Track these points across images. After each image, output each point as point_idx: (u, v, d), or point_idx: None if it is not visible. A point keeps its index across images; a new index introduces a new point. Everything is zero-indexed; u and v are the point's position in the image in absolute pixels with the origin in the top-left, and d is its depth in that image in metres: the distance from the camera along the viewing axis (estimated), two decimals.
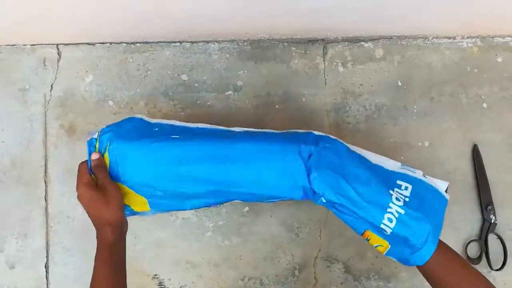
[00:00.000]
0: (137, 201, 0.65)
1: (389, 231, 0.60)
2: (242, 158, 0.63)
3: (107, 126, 0.66)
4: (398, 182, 0.63)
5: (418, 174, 0.64)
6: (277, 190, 0.63)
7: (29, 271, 0.80)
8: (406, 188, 0.62)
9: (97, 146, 0.65)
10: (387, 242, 0.61)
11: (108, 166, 0.64)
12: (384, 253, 0.63)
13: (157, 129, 0.66)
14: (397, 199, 0.61)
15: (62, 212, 0.81)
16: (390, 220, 0.60)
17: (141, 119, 0.67)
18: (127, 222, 0.64)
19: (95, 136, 0.65)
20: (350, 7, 0.68)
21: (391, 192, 0.61)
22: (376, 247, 0.63)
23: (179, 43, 0.83)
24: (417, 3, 0.68)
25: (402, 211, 0.60)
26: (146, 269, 0.81)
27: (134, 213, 0.67)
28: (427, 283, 0.79)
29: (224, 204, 0.72)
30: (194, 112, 0.82)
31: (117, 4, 0.66)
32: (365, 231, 0.62)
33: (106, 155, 0.64)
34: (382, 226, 0.60)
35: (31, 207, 0.81)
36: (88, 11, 0.68)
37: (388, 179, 0.63)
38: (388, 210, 0.60)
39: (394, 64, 0.82)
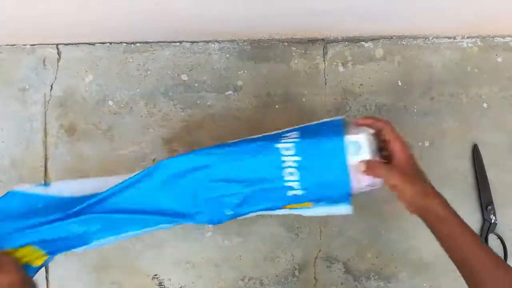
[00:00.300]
0: (34, 255, 0.66)
1: (297, 187, 0.60)
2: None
3: None
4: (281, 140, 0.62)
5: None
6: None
7: None
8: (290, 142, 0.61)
9: None
10: (309, 202, 0.61)
11: None
12: (313, 206, 0.62)
13: (40, 205, 0.66)
14: (286, 149, 0.61)
15: None
16: (291, 174, 0.60)
17: (22, 193, 0.66)
18: (30, 279, 0.63)
19: None
20: (350, 7, 0.68)
21: (276, 145, 0.61)
22: (304, 209, 0.63)
23: (179, 43, 0.83)
24: (418, 2, 0.68)
25: (298, 158, 0.60)
26: (146, 269, 0.81)
27: (37, 268, 0.68)
28: (427, 284, 0.79)
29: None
30: (194, 112, 0.82)
31: (117, 4, 0.66)
32: (282, 207, 0.63)
33: None
34: (287, 184, 0.60)
35: None
36: (88, 11, 0.68)
37: (273, 137, 0.63)
38: (283, 160, 0.60)
39: (394, 64, 0.82)
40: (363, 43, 0.82)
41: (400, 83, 0.82)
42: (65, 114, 0.82)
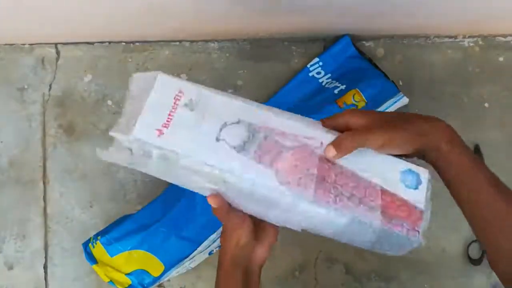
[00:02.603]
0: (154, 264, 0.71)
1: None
2: None
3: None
4: None
5: None
6: None
7: (28, 272, 0.79)
8: None
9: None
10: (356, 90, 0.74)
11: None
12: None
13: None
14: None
15: (61, 213, 0.80)
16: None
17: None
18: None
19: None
20: (350, 6, 0.68)
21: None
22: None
23: (178, 42, 0.82)
24: (419, 2, 0.68)
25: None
26: None
27: (154, 280, 0.72)
28: (428, 284, 0.79)
29: None
30: None
31: (117, 3, 0.65)
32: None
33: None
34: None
35: (29, 207, 0.80)
36: (87, 11, 0.68)
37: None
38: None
39: (395, 63, 0.82)
40: (364, 42, 0.82)
41: (401, 83, 0.81)
42: (64, 114, 0.82)
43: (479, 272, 0.78)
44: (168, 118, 0.44)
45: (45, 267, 0.80)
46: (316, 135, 0.46)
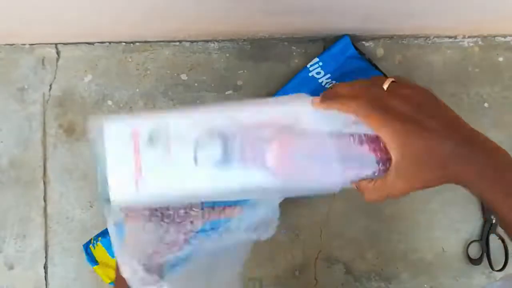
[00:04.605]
0: None
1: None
2: None
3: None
4: None
5: None
6: None
7: (28, 272, 0.80)
8: None
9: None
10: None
11: None
12: None
13: None
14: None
15: (61, 213, 0.80)
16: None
17: None
18: None
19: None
20: (350, 6, 0.68)
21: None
22: None
23: (178, 43, 0.82)
24: (418, 2, 0.68)
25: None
26: None
27: None
28: (428, 284, 0.79)
29: None
30: None
31: (116, 3, 0.65)
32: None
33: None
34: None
35: (29, 207, 0.80)
36: (87, 11, 0.68)
37: None
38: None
39: (395, 64, 0.82)
40: (363, 42, 0.82)
41: None
42: (64, 114, 0.82)
43: (479, 272, 0.78)
44: (136, 165, 0.40)
45: (45, 267, 0.80)
46: (291, 112, 0.42)
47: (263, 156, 0.41)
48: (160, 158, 0.40)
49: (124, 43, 0.83)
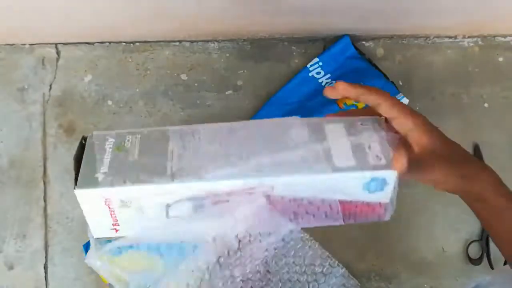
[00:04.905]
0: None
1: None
2: None
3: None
4: None
5: None
6: None
7: (28, 272, 0.79)
8: None
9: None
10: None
11: None
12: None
13: None
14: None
15: (61, 213, 0.80)
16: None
17: None
18: None
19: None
20: (350, 6, 0.68)
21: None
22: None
23: (178, 43, 0.82)
24: (418, 2, 0.68)
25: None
26: None
27: None
28: (428, 284, 0.79)
29: None
30: (194, 112, 0.81)
31: (116, 3, 0.65)
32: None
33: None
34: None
35: (30, 207, 0.80)
36: (87, 11, 0.68)
37: None
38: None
39: (395, 64, 0.82)
40: (364, 42, 0.82)
41: (401, 83, 0.81)
42: (64, 114, 0.82)
43: (479, 272, 0.78)
44: (113, 220, 0.43)
45: (45, 267, 0.80)
46: (263, 182, 0.42)
47: (231, 212, 0.43)
48: (133, 215, 0.43)
49: (124, 43, 0.83)
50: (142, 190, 0.42)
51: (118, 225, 0.43)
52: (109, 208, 0.43)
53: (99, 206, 0.42)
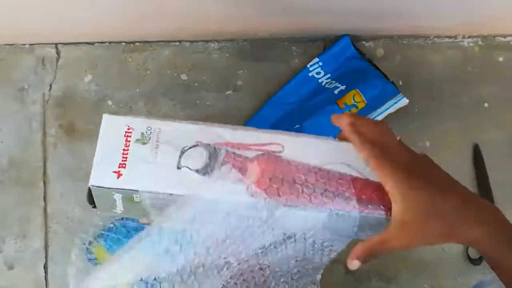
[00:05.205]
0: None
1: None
2: None
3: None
4: None
5: None
6: None
7: (28, 271, 0.79)
8: None
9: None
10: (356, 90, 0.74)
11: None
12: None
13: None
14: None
15: (61, 213, 0.80)
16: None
17: None
18: None
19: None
20: (350, 6, 0.68)
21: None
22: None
23: (178, 43, 0.82)
24: (418, 2, 0.68)
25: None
26: None
27: None
28: (428, 284, 0.79)
29: None
30: (194, 112, 0.81)
31: (117, 3, 0.65)
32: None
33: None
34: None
35: (30, 207, 0.80)
36: (87, 11, 0.68)
37: None
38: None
39: (395, 64, 0.82)
40: (363, 42, 0.82)
41: (401, 83, 0.81)
42: (64, 114, 0.82)
43: (479, 272, 0.78)
44: (123, 157, 0.43)
45: (45, 267, 0.80)
46: (276, 139, 0.45)
47: (241, 172, 0.43)
48: (145, 156, 0.43)
49: (124, 43, 0.83)
50: (165, 125, 0.44)
51: (125, 167, 0.43)
52: (126, 141, 0.43)
53: (117, 136, 0.43)
